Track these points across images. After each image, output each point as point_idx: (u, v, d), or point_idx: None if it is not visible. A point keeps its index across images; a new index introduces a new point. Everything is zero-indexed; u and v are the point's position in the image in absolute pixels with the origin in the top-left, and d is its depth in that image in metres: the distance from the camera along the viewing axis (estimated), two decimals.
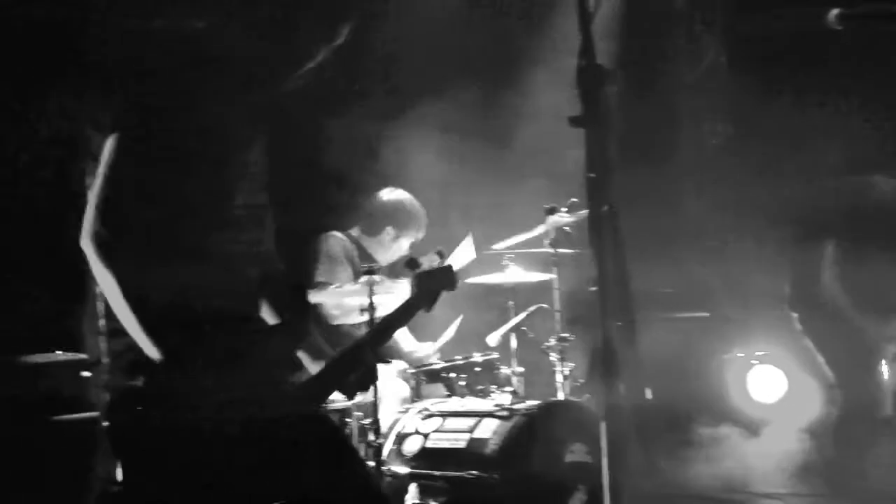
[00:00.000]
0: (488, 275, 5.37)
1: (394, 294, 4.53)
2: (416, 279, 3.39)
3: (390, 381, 5.08)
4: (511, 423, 4.49)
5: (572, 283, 5.32)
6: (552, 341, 5.28)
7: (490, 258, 5.34)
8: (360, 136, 6.08)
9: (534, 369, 5.41)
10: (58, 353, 4.21)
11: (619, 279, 1.94)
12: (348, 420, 4.59)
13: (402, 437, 4.71)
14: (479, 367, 5.15)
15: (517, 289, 5.42)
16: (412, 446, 4.65)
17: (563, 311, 5.38)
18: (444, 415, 4.75)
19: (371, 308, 4.50)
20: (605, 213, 1.89)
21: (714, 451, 5.84)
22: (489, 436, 4.46)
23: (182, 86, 2.58)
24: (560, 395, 5.20)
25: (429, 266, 3.43)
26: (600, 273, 1.97)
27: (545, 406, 4.69)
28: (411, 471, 4.54)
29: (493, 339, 5.27)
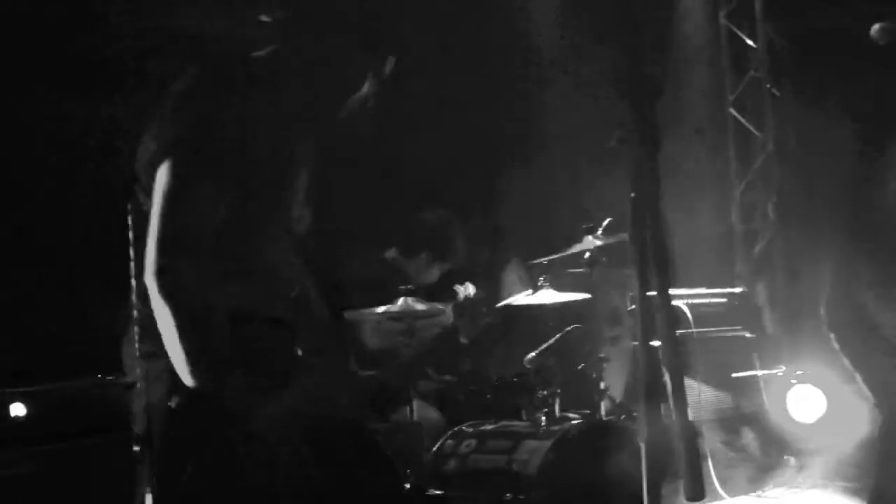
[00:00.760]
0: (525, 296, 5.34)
1: (432, 319, 4.51)
2: (456, 310, 3.36)
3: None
4: (550, 443, 4.46)
5: (610, 303, 5.29)
6: (587, 361, 5.24)
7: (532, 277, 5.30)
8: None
9: (571, 389, 5.38)
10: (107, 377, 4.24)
11: (661, 299, 1.92)
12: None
13: (440, 458, 4.70)
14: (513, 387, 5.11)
15: (553, 308, 5.39)
16: (450, 467, 4.63)
17: (601, 330, 5.35)
18: (482, 435, 4.73)
19: (410, 333, 4.47)
20: (648, 232, 1.87)
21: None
22: (528, 457, 4.44)
23: (238, 110, 2.57)
24: (599, 415, 5.16)
25: (464, 295, 3.40)
26: (641, 292, 1.95)
27: (583, 426, 4.66)
28: (449, 493, 4.52)
29: (530, 360, 5.23)
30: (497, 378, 5.16)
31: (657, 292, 1.90)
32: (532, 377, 5.15)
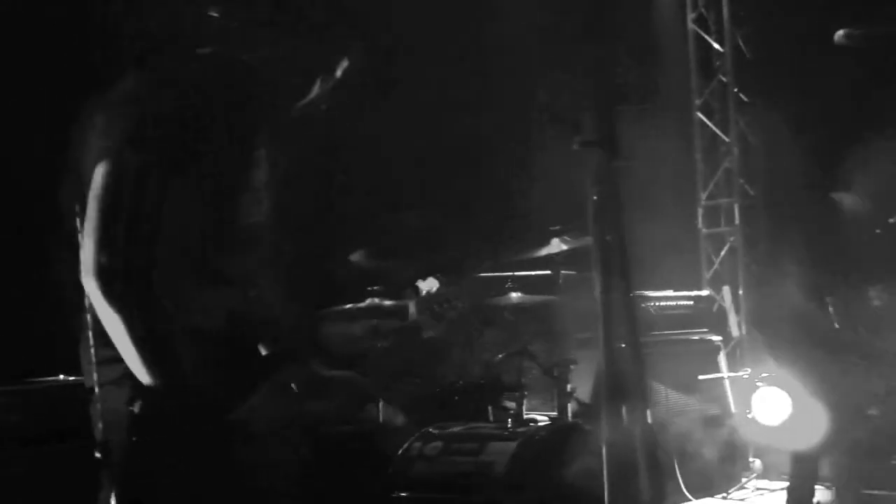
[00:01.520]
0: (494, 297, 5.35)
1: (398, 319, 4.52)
2: (419, 305, 3.37)
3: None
4: (516, 445, 4.47)
5: (577, 305, 5.31)
6: (556, 363, 5.26)
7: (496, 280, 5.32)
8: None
9: (537, 391, 5.39)
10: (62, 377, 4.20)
11: (624, 301, 1.93)
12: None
13: (407, 461, 4.69)
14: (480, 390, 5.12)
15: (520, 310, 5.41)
16: (418, 470, 4.62)
17: (567, 333, 5.36)
18: (449, 438, 4.73)
19: (376, 332, 4.48)
20: (611, 237, 1.87)
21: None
22: (494, 458, 4.44)
23: (184, 108, 2.54)
24: (565, 418, 5.17)
25: (426, 291, 3.41)
26: (604, 295, 1.96)
27: (550, 428, 4.67)
28: (416, 495, 4.51)
29: (496, 361, 5.25)
30: (463, 380, 5.17)
31: (620, 295, 1.91)
32: (499, 379, 5.17)
